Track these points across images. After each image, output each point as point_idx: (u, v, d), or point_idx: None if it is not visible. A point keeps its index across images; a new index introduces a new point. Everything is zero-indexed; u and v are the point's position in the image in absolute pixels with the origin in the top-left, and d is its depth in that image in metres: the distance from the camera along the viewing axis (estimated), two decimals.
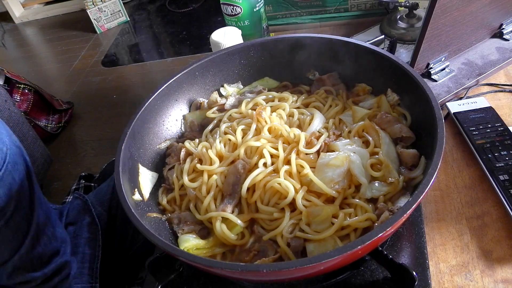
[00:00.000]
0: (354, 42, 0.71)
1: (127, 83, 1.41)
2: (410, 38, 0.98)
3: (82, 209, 0.76)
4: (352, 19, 1.18)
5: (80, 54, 1.65)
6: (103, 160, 1.05)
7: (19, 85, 1.15)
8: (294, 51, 0.78)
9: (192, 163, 0.68)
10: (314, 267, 0.44)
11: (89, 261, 0.71)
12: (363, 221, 0.55)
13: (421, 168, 0.59)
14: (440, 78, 0.84)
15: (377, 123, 0.65)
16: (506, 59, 0.86)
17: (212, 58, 0.78)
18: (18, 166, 0.57)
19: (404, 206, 0.47)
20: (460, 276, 0.58)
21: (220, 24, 0.98)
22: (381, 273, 0.58)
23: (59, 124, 1.24)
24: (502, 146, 0.69)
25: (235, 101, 0.78)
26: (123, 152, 0.61)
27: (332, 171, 0.59)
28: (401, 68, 0.64)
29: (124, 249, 0.81)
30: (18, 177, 0.57)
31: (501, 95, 0.82)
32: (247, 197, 0.61)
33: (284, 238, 0.57)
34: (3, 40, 1.95)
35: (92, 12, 1.73)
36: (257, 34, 1.05)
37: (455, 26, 0.77)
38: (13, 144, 0.57)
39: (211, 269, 0.47)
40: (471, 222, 0.63)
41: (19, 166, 0.57)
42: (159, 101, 0.73)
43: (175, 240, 0.62)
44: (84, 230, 0.74)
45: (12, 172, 0.56)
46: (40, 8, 2.12)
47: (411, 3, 0.99)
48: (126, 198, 0.55)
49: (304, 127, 0.69)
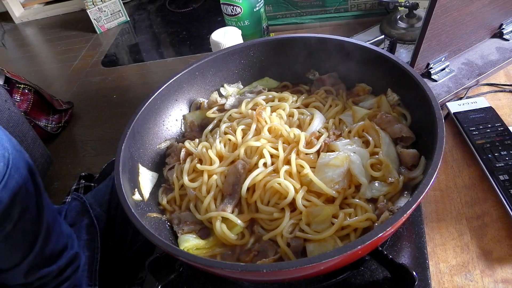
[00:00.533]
0: (354, 42, 0.71)
1: (127, 83, 1.41)
2: (410, 38, 0.98)
3: (80, 211, 0.77)
4: (352, 19, 1.18)
5: (80, 54, 1.65)
6: (103, 160, 1.05)
7: (19, 85, 1.15)
8: (293, 51, 0.78)
9: (192, 163, 0.68)
10: (314, 267, 0.44)
11: (88, 264, 0.71)
12: (363, 221, 0.55)
13: (421, 168, 0.59)
14: (440, 78, 0.84)
15: (377, 123, 0.65)
16: (506, 59, 0.86)
17: (212, 58, 0.78)
18: (21, 170, 0.58)
19: (404, 206, 0.47)
20: (460, 276, 0.58)
21: (220, 24, 0.97)
22: (381, 273, 0.58)
23: (59, 124, 1.24)
24: (502, 146, 0.69)
25: (235, 101, 0.78)
26: (123, 152, 0.61)
27: (332, 171, 0.59)
28: (401, 68, 0.64)
29: (124, 249, 0.81)
30: (22, 181, 0.57)
31: (501, 95, 0.82)
32: (247, 197, 0.61)
33: (284, 238, 0.57)
34: (3, 40, 1.95)
35: (92, 12, 1.73)
36: (257, 34, 1.05)
37: (455, 26, 0.77)
38: (13, 149, 0.58)
39: (211, 269, 0.47)
40: (471, 222, 0.63)
41: (22, 170, 0.58)
42: (159, 101, 0.73)
43: (175, 240, 0.62)
44: (83, 232, 0.74)
45: (16, 176, 0.57)
46: (40, 8, 2.12)
47: (411, 3, 0.99)
48: (126, 198, 0.55)
49: (304, 127, 0.69)
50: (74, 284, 0.67)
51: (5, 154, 0.56)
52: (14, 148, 0.58)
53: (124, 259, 0.81)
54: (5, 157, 0.56)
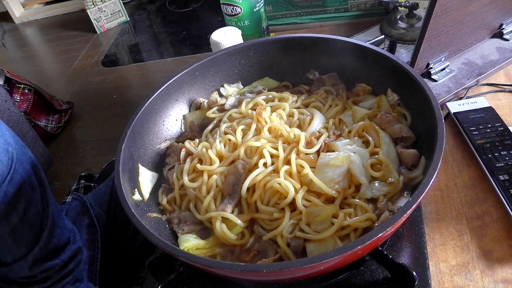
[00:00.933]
0: (354, 42, 0.71)
1: (127, 83, 1.41)
2: (410, 38, 0.98)
3: (80, 211, 0.77)
4: (352, 19, 1.18)
5: (80, 54, 1.65)
6: (103, 160, 1.05)
7: (19, 85, 1.15)
8: (294, 51, 0.78)
9: (192, 163, 0.68)
10: (314, 267, 0.44)
11: (88, 263, 0.71)
12: (363, 221, 0.55)
13: (421, 168, 0.59)
14: (440, 78, 0.84)
15: (377, 123, 0.65)
16: (506, 59, 0.86)
17: (212, 58, 0.78)
18: (25, 165, 0.59)
19: (404, 206, 0.47)
20: (460, 276, 0.58)
21: (220, 24, 0.97)
22: (381, 273, 0.58)
23: (59, 124, 1.24)
24: (502, 146, 0.69)
25: (235, 101, 0.78)
26: (123, 152, 0.61)
27: (332, 171, 0.59)
28: (401, 68, 0.64)
29: (124, 249, 0.81)
30: (26, 175, 0.58)
31: (501, 95, 0.82)
32: (247, 197, 0.61)
33: (284, 238, 0.57)
34: (3, 40, 1.95)
35: (92, 12, 1.73)
36: (257, 34, 1.05)
37: (455, 26, 0.77)
38: (17, 144, 0.59)
39: (211, 269, 0.47)
40: (471, 222, 0.63)
41: (26, 164, 0.59)
42: (159, 101, 0.73)
43: (175, 240, 0.62)
44: (83, 232, 0.74)
45: (20, 170, 0.58)
46: (40, 8, 2.12)
47: (411, 3, 0.99)
48: (126, 198, 0.55)
49: (304, 127, 0.69)
50: (76, 278, 0.67)
51: (9, 149, 0.56)
52: (17, 144, 0.59)
53: (124, 259, 0.81)
54: (9, 151, 0.56)
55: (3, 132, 0.57)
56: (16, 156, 0.57)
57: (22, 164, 0.58)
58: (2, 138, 0.56)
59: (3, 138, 0.56)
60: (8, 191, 0.55)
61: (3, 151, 0.55)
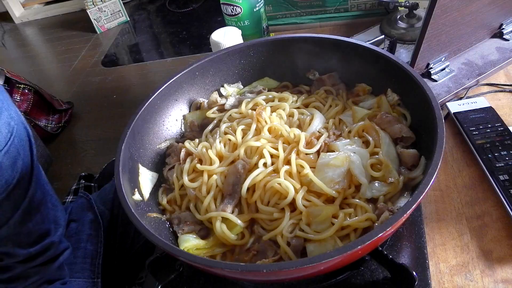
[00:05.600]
0: (354, 42, 0.71)
1: (127, 83, 1.41)
2: (410, 38, 0.98)
3: (85, 207, 0.78)
4: (352, 19, 1.18)
5: (80, 54, 1.65)
6: (103, 160, 1.05)
7: (19, 85, 1.15)
8: (294, 51, 0.78)
9: (192, 163, 0.68)
10: (314, 267, 0.44)
11: (91, 257, 0.72)
12: (363, 221, 0.55)
13: (421, 168, 0.59)
14: (440, 78, 0.84)
15: (377, 123, 0.65)
16: (506, 59, 0.86)
17: (212, 58, 0.78)
18: (23, 143, 0.60)
19: (404, 206, 0.47)
20: (460, 276, 0.58)
21: (220, 24, 0.97)
22: (381, 273, 0.58)
23: (59, 124, 1.24)
24: (502, 146, 0.69)
25: (235, 101, 0.78)
26: (123, 152, 0.61)
27: (332, 171, 0.59)
28: (401, 68, 0.64)
29: (126, 249, 0.81)
30: (22, 153, 0.59)
31: (501, 95, 0.82)
32: (247, 197, 0.61)
33: (284, 238, 0.57)
34: (3, 40, 1.95)
35: (92, 12, 1.73)
36: (257, 34, 1.05)
37: (455, 26, 0.77)
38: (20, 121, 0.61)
39: (211, 269, 0.47)
40: (471, 222, 0.63)
41: (24, 143, 0.60)
42: (159, 101, 0.73)
43: (175, 240, 0.62)
44: (87, 227, 0.75)
45: (18, 146, 0.59)
46: (40, 8, 2.12)
47: (411, 3, 0.99)
48: (126, 198, 0.55)
49: (304, 127, 0.69)
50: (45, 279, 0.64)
51: (11, 123, 0.58)
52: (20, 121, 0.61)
53: (125, 258, 0.81)
54: (10, 125, 0.58)
55: (9, 106, 0.59)
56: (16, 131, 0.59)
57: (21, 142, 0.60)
58: (7, 111, 0.58)
59: (7, 112, 0.58)
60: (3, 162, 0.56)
61: (4, 123, 0.57)
